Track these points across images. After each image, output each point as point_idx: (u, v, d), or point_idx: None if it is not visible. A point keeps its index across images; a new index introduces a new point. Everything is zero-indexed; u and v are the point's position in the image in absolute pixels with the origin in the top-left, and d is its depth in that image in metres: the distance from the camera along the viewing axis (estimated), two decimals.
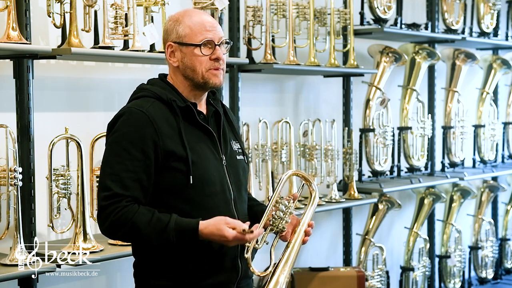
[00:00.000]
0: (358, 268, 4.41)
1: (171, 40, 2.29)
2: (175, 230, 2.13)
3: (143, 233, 2.13)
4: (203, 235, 2.13)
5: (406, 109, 5.10)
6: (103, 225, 2.18)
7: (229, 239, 2.12)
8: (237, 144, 2.40)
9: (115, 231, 2.18)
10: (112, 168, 2.17)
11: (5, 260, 2.86)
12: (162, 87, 2.29)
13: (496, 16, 5.77)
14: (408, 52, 5.07)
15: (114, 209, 2.14)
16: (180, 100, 2.26)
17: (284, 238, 2.33)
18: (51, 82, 3.37)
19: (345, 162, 4.50)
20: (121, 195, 2.14)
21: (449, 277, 5.47)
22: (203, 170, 2.22)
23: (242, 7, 3.98)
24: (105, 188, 2.16)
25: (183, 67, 2.28)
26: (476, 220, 5.87)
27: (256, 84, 4.35)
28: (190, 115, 2.26)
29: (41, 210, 3.13)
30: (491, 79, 5.86)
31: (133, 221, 2.13)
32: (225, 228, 2.12)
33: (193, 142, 2.23)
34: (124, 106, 2.29)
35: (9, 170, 2.85)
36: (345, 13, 4.39)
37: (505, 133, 6.09)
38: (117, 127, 2.22)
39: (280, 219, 2.27)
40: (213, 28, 2.27)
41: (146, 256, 2.28)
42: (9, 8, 2.84)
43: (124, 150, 2.17)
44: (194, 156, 2.21)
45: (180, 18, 2.30)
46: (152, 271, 2.26)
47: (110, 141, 2.23)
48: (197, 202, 2.21)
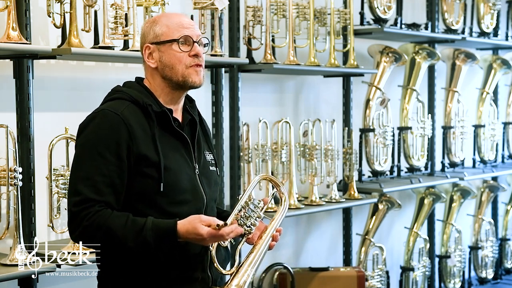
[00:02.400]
0: (358, 268, 4.41)
1: (148, 41, 2.24)
2: (152, 230, 2.05)
3: (119, 236, 2.05)
4: (180, 234, 2.07)
5: (406, 109, 5.10)
6: (75, 231, 2.10)
7: (204, 236, 2.05)
8: (210, 155, 2.35)
9: (89, 237, 2.09)
10: (84, 172, 2.09)
11: (5, 260, 2.86)
12: (139, 90, 2.24)
13: (496, 16, 5.77)
14: (408, 52, 5.07)
15: (86, 214, 2.06)
16: (156, 105, 2.20)
17: (250, 241, 2.26)
18: (51, 82, 3.37)
19: (345, 162, 4.50)
20: (93, 200, 2.07)
21: (449, 277, 5.47)
22: (175, 178, 2.16)
23: (242, 7, 3.98)
24: (76, 193, 2.09)
25: (162, 66, 2.22)
26: (476, 220, 5.87)
27: (256, 84, 4.35)
28: (165, 121, 2.21)
29: (41, 210, 3.13)
30: (491, 79, 5.86)
31: (107, 225, 2.05)
32: (199, 226, 2.05)
33: (166, 148, 2.18)
34: (98, 107, 2.22)
35: (9, 170, 2.85)
36: (345, 13, 4.39)
37: (505, 133, 6.09)
38: (90, 129, 2.15)
39: (248, 218, 2.19)
40: (190, 26, 2.24)
41: (110, 265, 2.21)
42: (9, 8, 2.84)
43: (98, 153, 2.09)
44: (166, 162, 2.15)
45: (157, 19, 2.27)
46: (116, 280, 2.20)
47: (83, 143, 2.15)
48: (167, 209, 2.15)
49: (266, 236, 2.27)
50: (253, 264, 2.21)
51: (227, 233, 2.08)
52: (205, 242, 2.11)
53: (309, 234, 4.79)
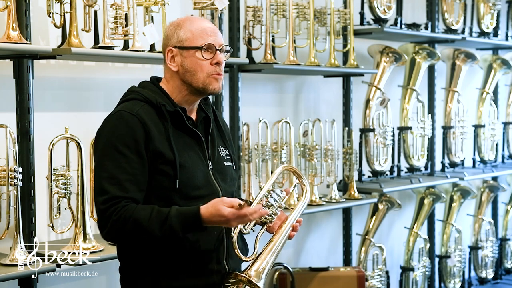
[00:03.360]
0: (358, 268, 4.41)
1: (172, 45, 2.29)
2: (177, 217, 2.11)
3: (145, 226, 2.11)
4: (204, 218, 2.11)
5: (406, 109, 5.10)
6: (104, 228, 2.16)
7: (228, 217, 2.10)
8: (225, 151, 2.40)
9: (118, 231, 2.14)
10: (108, 172, 2.15)
11: (5, 260, 2.86)
12: (153, 90, 2.29)
13: (496, 16, 5.77)
14: (408, 52, 5.08)
15: (114, 210, 2.12)
16: (169, 104, 2.26)
17: (271, 230, 2.32)
18: (51, 82, 3.37)
19: (345, 162, 4.50)
20: (119, 197, 2.13)
21: (449, 277, 5.47)
22: (190, 174, 2.22)
23: (242, 7, 3.98)
24: (102, 192, 2.15)
25: (183, 71, 2.27)
26: (476, 220, 5.87)
27: (256, 84, 4.35)
28: (179, 120, 2.26)
29: (41, 210, 3.13)
30: (491, 79, 5.86)
31: (134, 217, 2.11)
32: (222, 208, 2.10)
33: (180, 146, 2.23)
34: (114, 109, 2.28)
35: (9, 170, 2.85)
36: (345, 13, 4.39)
37: (505, 133, 6.09)
38: (108, 131, 2.21)
39: (270, 207, 2.25)
40: (214, 34, 2.29)
41: (131, 259, 2.27)
42: (9, 8, 2.84)
43: (119, 153, 2.15)
44: (181, 160, 2.21)
45: (181, 23, 2.30)
46: (136, 272, 2.25)
47: (103, 145, 2.20)
48: (183, 205, 2.19)
49: (286, 226, 2.32)
50: (273, 252, 2.27)
51: (250, 213, 2.12)
52: (229, 224, 2.14)
53: (309, 234, 4.79)
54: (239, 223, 2.18)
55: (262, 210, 2.16)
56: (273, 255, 2.28)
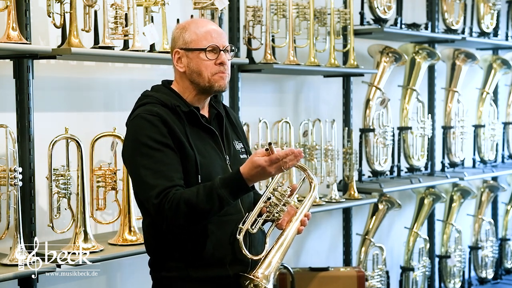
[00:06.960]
0: (358, 268, 4.41)
1: (178, 46, 2.38)
2: (222, 185, 2.17)
3: (195, 202, 2.17)
4: (246, 176, 2.17)
5: (406, 109, 5.10)
6: (163, 220, 2.21)
7: (264, 164, 2.15)
8: (240, 144, 2.49)
9: (174, 217, 2.19)
10: (150, 169, 2.22)
11: (5, 260, 2.86)
12: (166, 93, 2.38)
13: (496, 16, 5.77)
14: (408, 52, 5.08)
15: (166, 200, 2.18)
16: (184, 105, 2.34)
17: (280, 226, 2.37)
18: (51, 82, 3.37)
19: (345, 162, 4.50)
20: (168, 187, 2.20)
21: (449, 277, 5.47)
22: (209, 169, 2.30)
23: (242, 7, 3.98)
24: (151, 187, 2.21)
25: (190, 72, 2.36)
26: (476, 220, 5.87)
27: (256, 84, 4.35)
28: (194, 119, 2.35)
29: (41, 210, 3.13)
30: (491, 79, 5.86)
31: (183, 198, 2.17)
32: (256, 159, 2.16)
33: (198, 143, 2.32)
34: (130, 114, 2.35)
35: (9, 170, 2.85)
36: (345, 13, 4.39)
37: (505, 133, 6.09)
38: (132, 134, 2.29)
39: (275, 206, 2.32)
40: (218, 36, 2.38)
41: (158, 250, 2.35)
42: (9, 8, 2.85)
43: (152, 149, 2.23)
44: (200, 156, 2.29)
45: (187, 26, 2.40)
46: (163, 264, 2.33)
47: (134, 147, 2.27)
48: None
49: (295, 221, 2.39)
50: (281, 249, 2.33)
51: (281, 156, 2.16)
52: (269, 173, 2.18)
53: (309, 234, 4.79)
54: (278, 171, 2.20)
55: (291, 149, 2.19)
56: (282, 251, 2.33)
